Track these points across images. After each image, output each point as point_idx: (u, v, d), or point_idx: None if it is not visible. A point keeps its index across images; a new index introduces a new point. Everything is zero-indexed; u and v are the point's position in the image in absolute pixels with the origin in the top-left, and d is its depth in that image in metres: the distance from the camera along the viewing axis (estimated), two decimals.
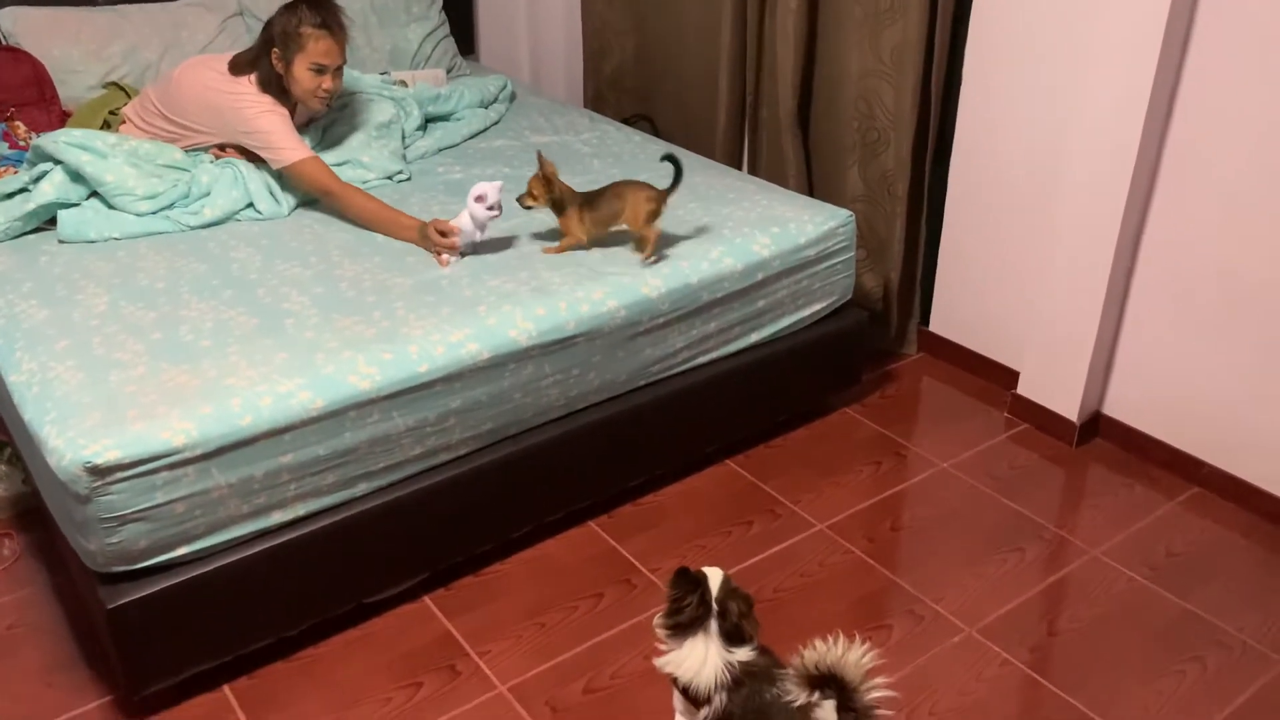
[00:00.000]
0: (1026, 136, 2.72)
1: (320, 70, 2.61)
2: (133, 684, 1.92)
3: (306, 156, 2.61)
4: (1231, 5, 2.27)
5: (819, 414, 2.88)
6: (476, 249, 2.47)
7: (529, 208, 2.53)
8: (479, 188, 2.41)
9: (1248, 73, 2.28)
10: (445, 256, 2.43)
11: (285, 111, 2.65)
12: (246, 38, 3.16)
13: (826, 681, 1.54)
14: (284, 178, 2.66)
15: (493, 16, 3.97)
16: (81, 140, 2.54)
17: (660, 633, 1.67)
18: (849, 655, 1.53)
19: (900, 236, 2.97)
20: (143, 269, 2.39)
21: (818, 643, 1.55)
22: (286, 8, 2.61)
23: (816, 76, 3.10)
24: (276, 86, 2.64)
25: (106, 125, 2.81)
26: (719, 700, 1.62)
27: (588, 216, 2.47)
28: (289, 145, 2.60)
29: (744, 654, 1.64)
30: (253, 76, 2.64)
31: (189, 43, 3.13)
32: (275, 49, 2.59)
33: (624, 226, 2.47)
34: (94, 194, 2.56)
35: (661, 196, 2.44)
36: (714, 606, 1.64)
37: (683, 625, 1.64)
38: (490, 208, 2.40)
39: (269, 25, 2.63)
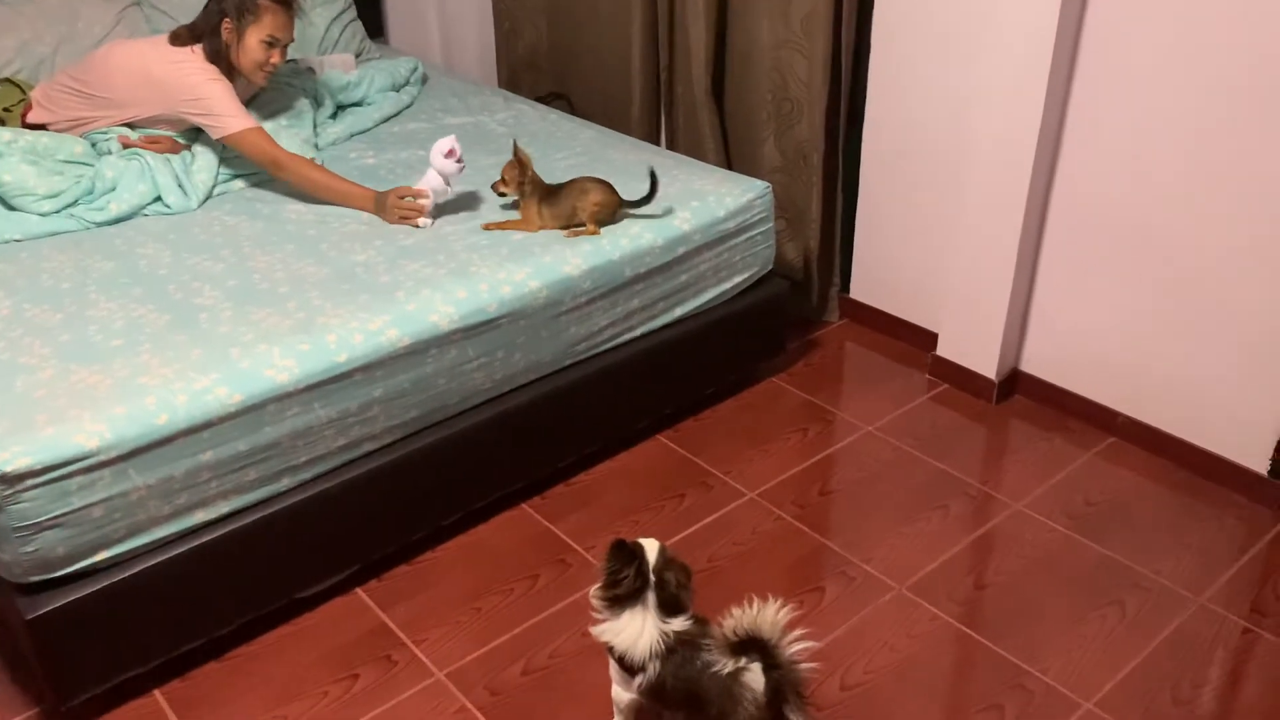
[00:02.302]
0: (935, 102, 2.76)
1: (272, 44, 2.60)
2: (59, 695, 1.88)
3: (251, 126, 2.57)
4: None
5: (746, 384, 2.91)
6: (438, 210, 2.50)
7: (502, 194, 2.54)
8: (445, 144, 2.42)
9: (1145, 31, 2.33)
10: (421, 220, 2.46)
11: (229, 83, 2.61)
12: (146, 28, 3.07)
13: (748, 645, 1.57)
14: (226, 148, 2.63)
15: None
16: None
17: (597, 604, 1.68)
18: (764, 614, 1.55)
19: (818, 205, 3.00)
20: (47, 269, 2.31)
21: (734, 609, 1.58)
22: None
23: (729, 49, 3.10)
24: (224, 60, 2.60)
25: (0, 123, 2.71)
26: (652, 669, 1.64)
27: (546, 211, 2.47)
28: (234, 113, 2.56)
29: (679, 624, 1.65)
30: (198, 47, 2.60)
31: (85, 35, 3.02)
32: (228, 19, 2.56)
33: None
34: None
35: (618, 204, 2.47)
36: (651, 578, 1.65)
37: (620, 597, 1.65)
38: (459, 160, 2.43)
39: None
